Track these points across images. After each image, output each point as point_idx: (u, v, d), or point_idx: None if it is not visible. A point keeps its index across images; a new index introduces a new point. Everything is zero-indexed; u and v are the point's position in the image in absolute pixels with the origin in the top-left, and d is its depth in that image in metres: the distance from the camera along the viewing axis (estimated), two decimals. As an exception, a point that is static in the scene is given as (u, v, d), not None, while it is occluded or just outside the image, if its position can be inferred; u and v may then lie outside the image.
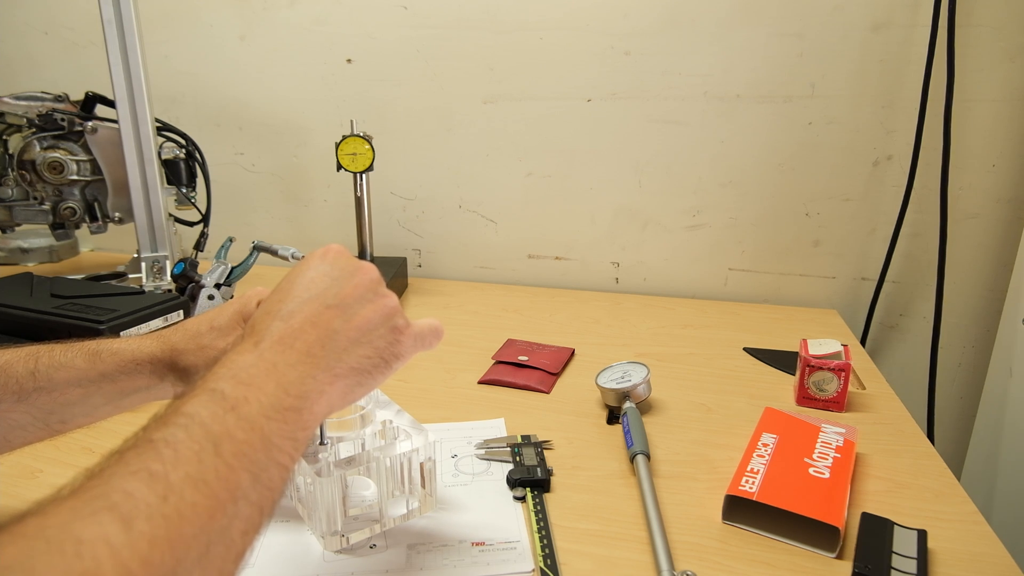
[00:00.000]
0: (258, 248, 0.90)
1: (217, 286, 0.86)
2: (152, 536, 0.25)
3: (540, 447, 0.63)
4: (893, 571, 0.47)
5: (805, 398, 0.75)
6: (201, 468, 0.28)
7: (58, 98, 1.05)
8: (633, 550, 0.50)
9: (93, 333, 0.72)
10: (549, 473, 0.59)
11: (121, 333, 0.74)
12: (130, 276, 1.10)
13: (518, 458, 0.61)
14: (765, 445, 0.61)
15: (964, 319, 1.07)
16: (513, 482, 0.58)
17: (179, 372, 0.48)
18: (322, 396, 0.36)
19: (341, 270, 0.41)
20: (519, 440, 0.65)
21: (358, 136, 1.05)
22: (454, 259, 1.29)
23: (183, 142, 1.07)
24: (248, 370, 0.34)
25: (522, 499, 0.56)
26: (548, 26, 1.11)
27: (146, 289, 0.96)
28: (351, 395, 0.39)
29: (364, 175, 1.09)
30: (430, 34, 1.16)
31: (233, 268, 0.91)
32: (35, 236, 1.28)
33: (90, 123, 1.01)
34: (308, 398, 0.35)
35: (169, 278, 1.02)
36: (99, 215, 1.06)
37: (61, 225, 1.08)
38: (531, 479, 0.58)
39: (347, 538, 0.50)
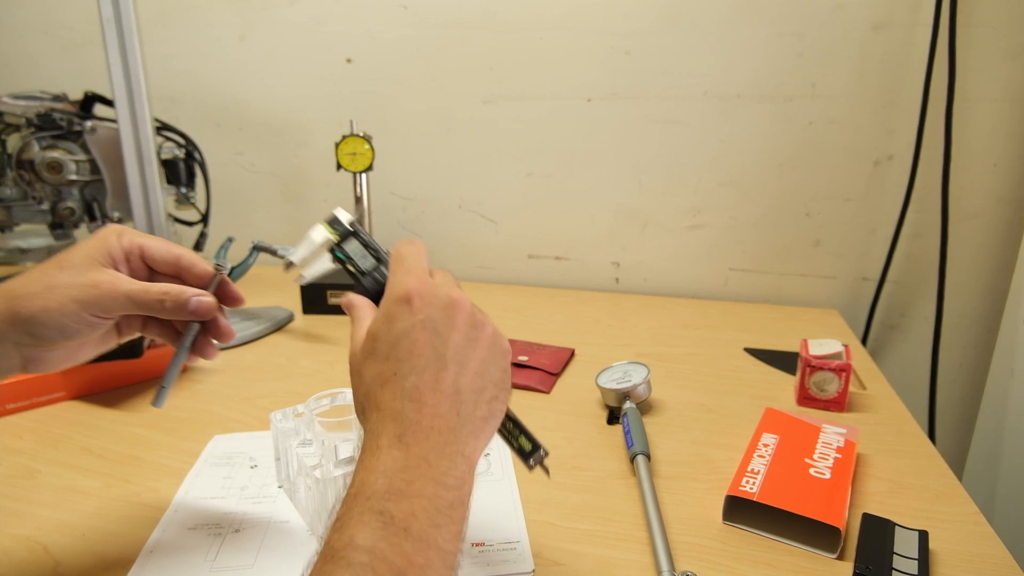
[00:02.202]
0: (258, 248, 0.89)
1: (217, 286, 0.86)
2: None
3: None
4: (894, 572, 0.47)
5: (806, 398, 0.75)
6: None
7: (57, 98, 1.04)
8: (633, 551, 0.50)
9: (92, 333, 0.72)
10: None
11: (120, 333, 0.74)
12: (129, 276, 1.10)
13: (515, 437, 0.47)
14: (766, 445, 0.60)
15: (965, 319, 1.07)
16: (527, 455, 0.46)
17: (23, 323, 0.40)
18: (472, 466, 0.37)
19: (436, 315, 0.38)
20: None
21: (358, 136, 1.05)
22: (454, 259, 1.29)
23: (182, 142, 1.07)
24: (402, 475, 0.33)
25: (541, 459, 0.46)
26: (548, 26, 1.11)
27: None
28: (487, 440, 0.39)
29: (364, 175, 1.09)
30: (430, 34, 1.16)
31: (233, 268, 0.91)
32: (34, 236, 1.28)
33: (89, 123, 1.00)
34: (464, 480, 0.35)
35: (168, 278, 1.01)
36: (98, 215, 1.06)
37: (60, 225, 1.07)
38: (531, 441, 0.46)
39: (346, 539, 0.50)
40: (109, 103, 0.99)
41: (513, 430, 0.44)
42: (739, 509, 0.53)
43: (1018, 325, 0.90)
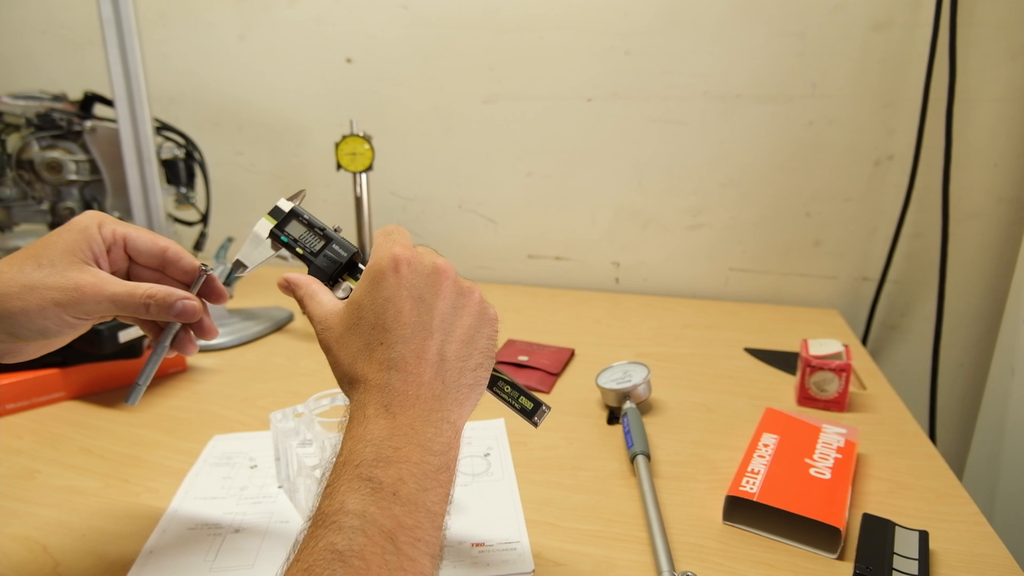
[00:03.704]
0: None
1: (216, 286, 0.86)
2: None
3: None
4: (894, 572, 0.47)
5: (806, 398, 0.75)
6: (391, 573, 0.29)
7: (56, 97, 1.04)
8: (633, 551, 0.50)
9: (91, 334, 0.72)
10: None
11: (120, 333, 0.74)
12: (129, 276, 1.10)
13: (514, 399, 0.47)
14: (766, 446, 0.60)
15: (966, 319, 1.07)
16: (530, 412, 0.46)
17: (1, 322, 0.39)
18: (457, 432, 0.37)
19: (421, 283, 0.39)
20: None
21: (358, 136, 1.05)
22: (454, 259, 1.27)
23: (182, 142, 1.07)
24: (389, 443, 0.34)
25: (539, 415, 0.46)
26: (548, 25, 1.11)
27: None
28: (472, 407, 0.39)
29: (364, 175, 1.09)
30: (430, 34, 1.16)
31: (229, 273, 0.91)
32: (33, 236, 1.28)
33: (89, 123, 1.00)
34: (450, 446, 0.36)
35: (168, 278, 1.01)
36: (98, 215, 1.06)
37: (60, 225, 1.07)
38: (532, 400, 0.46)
39: (346, 539, 0.50)
40: (109, 103, 0.99)
41: (512, 393, 0.45)
42: (739, 509, 0.53)
43: (1018, 325, 0.90)
